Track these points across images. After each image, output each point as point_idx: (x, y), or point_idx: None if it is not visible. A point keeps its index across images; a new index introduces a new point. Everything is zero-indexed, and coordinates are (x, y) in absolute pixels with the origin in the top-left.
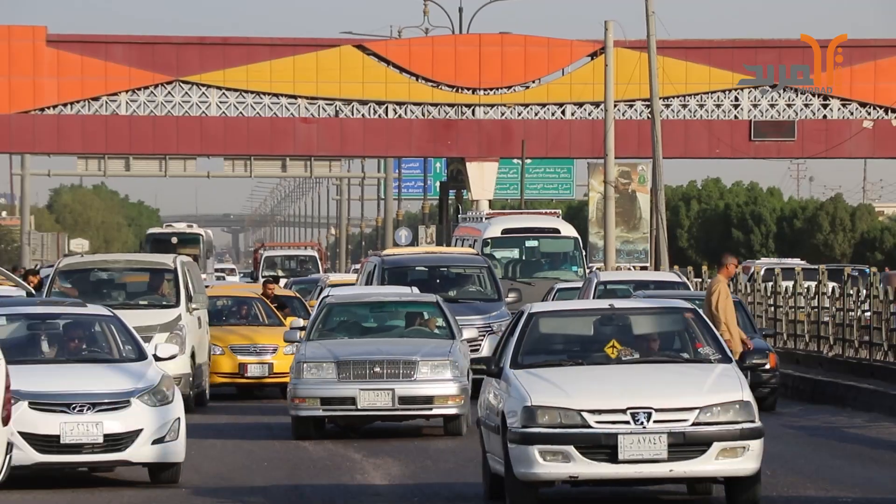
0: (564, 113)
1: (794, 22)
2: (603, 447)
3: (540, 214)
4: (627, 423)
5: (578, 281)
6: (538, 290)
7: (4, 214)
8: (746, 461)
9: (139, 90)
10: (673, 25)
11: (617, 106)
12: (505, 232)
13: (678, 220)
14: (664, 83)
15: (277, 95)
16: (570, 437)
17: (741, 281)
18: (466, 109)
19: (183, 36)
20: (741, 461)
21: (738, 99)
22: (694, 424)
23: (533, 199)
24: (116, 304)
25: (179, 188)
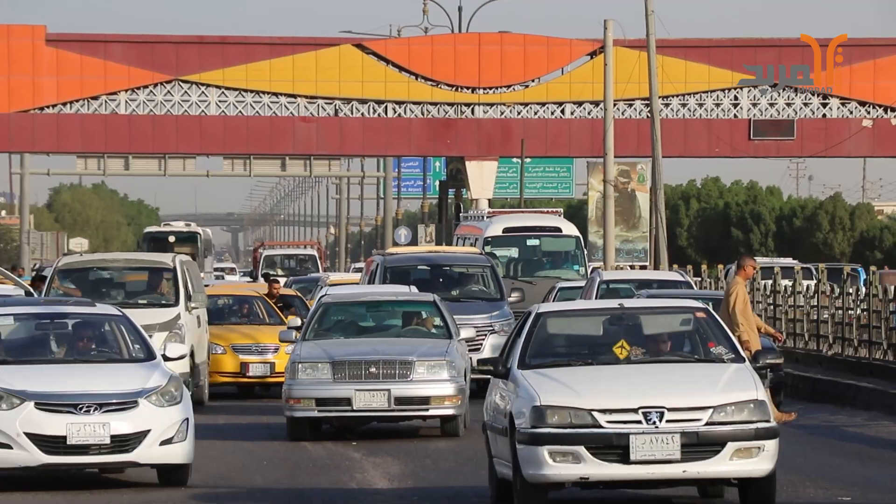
0: (564, 112)
1: (793, 22)
2: (614, 447)
3: (541, 213)
4: (639, 422)
5: (580, 280)
6: (539, 289)
7: (4, 213)
8: (761, 462)
9: (138, 89)
10: (672, 25)
11: (616, 105)
12: (506, 231)
13: (678, 219)
14: (663, 82)
15: (277, 94)
16: (580, 437)
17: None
18: (466, 108)
19: (182, 35)
20: (756, 462)
21: (737, 98)
22: (707, 424)
23: (532, 198)
24: (115, 303)
25: (179, 187)
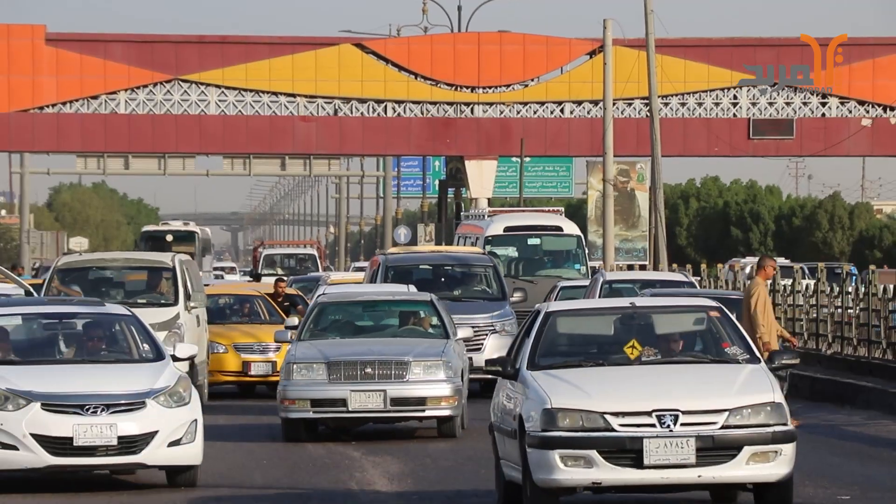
0: (563, 111)
1: (793, 22)
2: (627, 452)
3: (542, 212)
4: (653, 425)
5: (581, 279)
6: (540, 288)
7: (4, 213)
8: (778, 466)
9: (138, 89)
10: (672, 24)
11: (616, 104)
12: (507, 230)
13: (677, 218)
14: (663, 81)
15: (276, 94)
16: (592, 440)
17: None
18: (465, 108)
19: (182, 35)
20: (773, 466)
21: (736, 97)
22: (723, 427)
23: (532, 197)
24: (115, 302)
25: (178, 186)
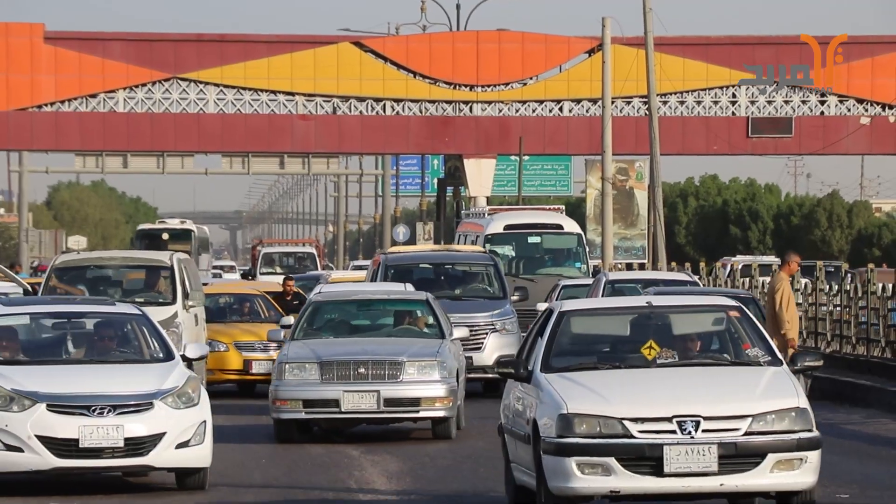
0: (562, 110)
1: (793, 21)
2: (647, 459)
3: (543, 210)
4: (673, 432)
5: (582, 278)
6: (541, 286)
7: (2, 211)
8: (804, 474)
9: (137, 87)
10: (671, 23)
11: (614, 103)
12: (507, 228)
13: (676, 216)
14: (662, 80)
15: (275, 92)
16: (610, 447)
17: (722, 277)
18: (464, 106)
19: (180, 33)
20: (798, 474)
21: (735, 95)
22: (746, 434)
23: (530, 195)
24: (114, 301)
25: (177, 185)
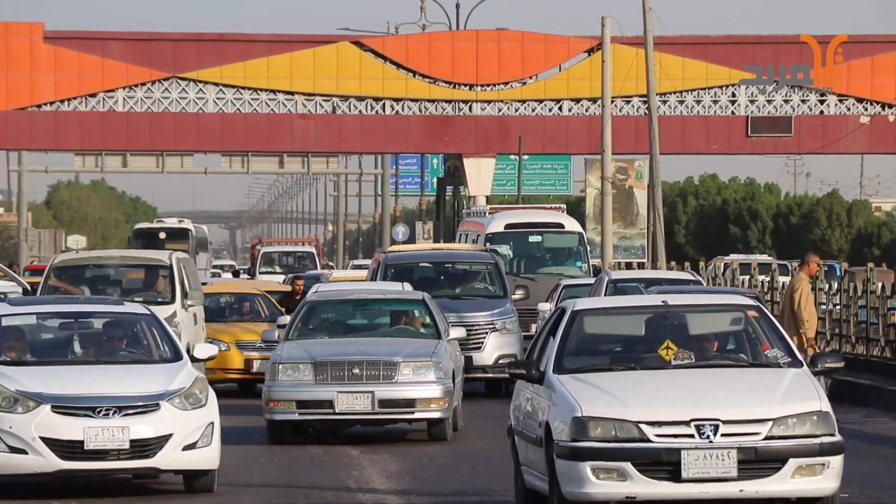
0: (561, 109)
1: (792, 21)
2: (664, 464)
3: (544, 209)
4: (692, 436)
5: (583, 277)
6: (542, 285)
7: (2, 211)
8: (826, 480)
9: (136, 87)
10: (670, 23)
11: (614, 102)
12: (508, 227)
13: (675, 216)
14: (661, 79)
15: (275, 92)
16: (626, 452)
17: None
18: (463, 105)
19: (180, 32)
20: (820, 480)
21: (734, 95)
22: (767, 438)
23: (530, 195)
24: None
25: (177, 184)
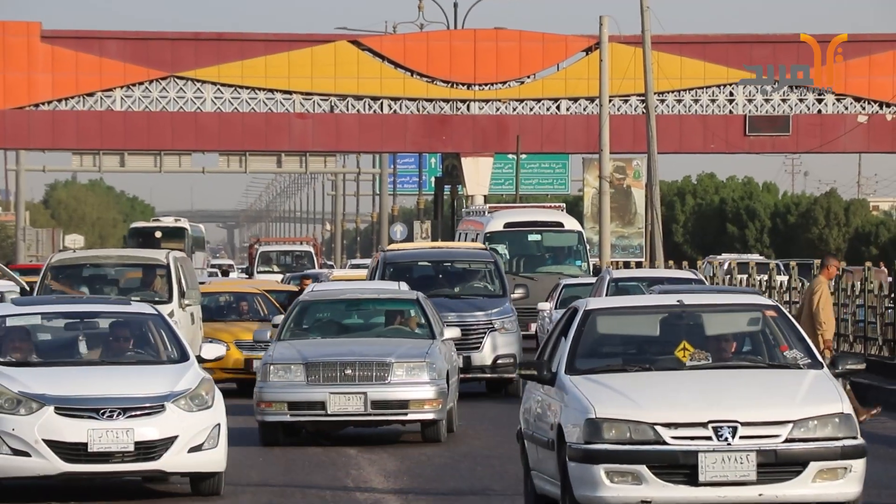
0: (559, 108)
1: (791, 20)
2: (681, 467)
3: (543, 208)
4: (709, 438)
5: (583, 276)
6: (542, 284)
7: (0, 210)
8: (848, 484)
9: (134, 86)
10: (668, 22)
11: (612, 101)
12: (507, 225)
13: (673, 215)
14: (659, 78)
15: (272, 91)
16: (641, 455)
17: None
18: (461, 105)
19: (177, 32)
20: (842, 484)
21: (732, 94)
22: (787, 441)
23: (528, 194)
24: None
25: (175, 184)
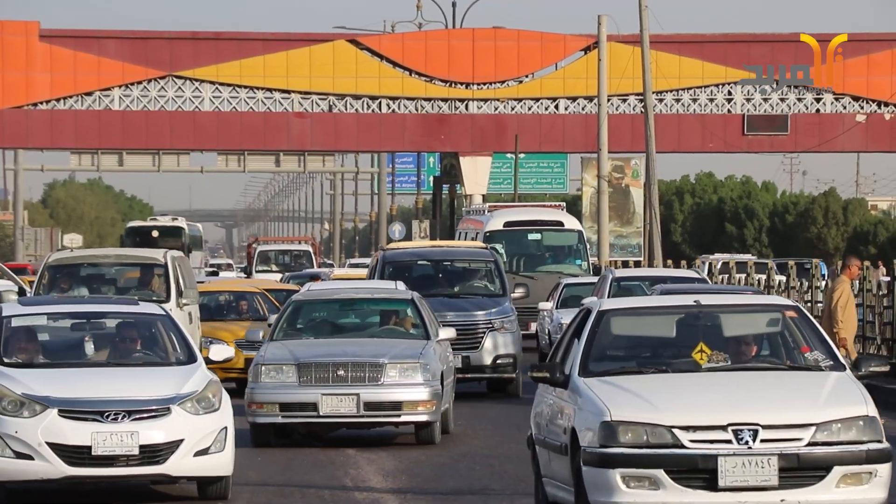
0: (558, 107)
1: (790, 20)
2: (699, 471)
3: (543, 207)
4: (729, 442)
5: (583, 275)
6: (542, 284)
7: None
8: (873, 489)
9: (132, 85)
10: (667, 21)
11: (610, 100)
12: (507, 224)
13: (672, 214)
14: (657, 77)
15: (271, 90)
16: (659, 458)
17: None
18: (460, 104)
19: (176, 31)
20: (867, 489)
21: (731, 93)
22: (810, 444)
23: (526, 193)
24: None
25: (173, 183)
